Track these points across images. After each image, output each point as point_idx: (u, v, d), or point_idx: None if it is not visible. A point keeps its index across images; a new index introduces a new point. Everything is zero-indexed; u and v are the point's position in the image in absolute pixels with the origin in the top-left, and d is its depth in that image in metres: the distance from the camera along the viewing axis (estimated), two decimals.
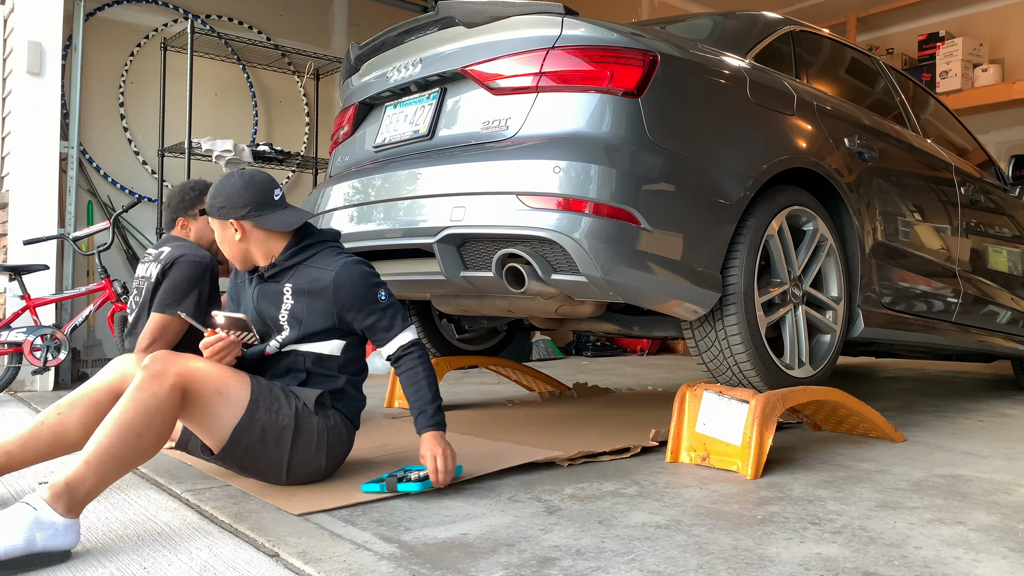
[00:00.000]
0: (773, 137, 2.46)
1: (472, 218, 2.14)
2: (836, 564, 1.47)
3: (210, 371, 1.79)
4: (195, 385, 1.74)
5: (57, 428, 1.81)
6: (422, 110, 2.51)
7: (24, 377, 4.02)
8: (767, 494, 1.97)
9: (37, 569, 1.42)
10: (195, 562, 1.45)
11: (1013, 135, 7.00)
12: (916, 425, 3.08)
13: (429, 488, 1.87)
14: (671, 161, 2.16)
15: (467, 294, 2.53)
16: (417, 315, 3.31)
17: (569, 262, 2.04)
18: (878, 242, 2.81)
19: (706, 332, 2.34)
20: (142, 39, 5.17)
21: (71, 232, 4.32)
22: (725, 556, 1.51)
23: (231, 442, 1.81)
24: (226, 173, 2.28)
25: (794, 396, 2.33)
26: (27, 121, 4.13)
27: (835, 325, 2.61)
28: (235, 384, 1.83)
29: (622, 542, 1.58)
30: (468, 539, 1.58)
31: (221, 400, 1.79)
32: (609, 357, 6.45)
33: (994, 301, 3.58)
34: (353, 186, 2.55)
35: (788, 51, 2.85)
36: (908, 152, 3.15)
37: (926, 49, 7.13)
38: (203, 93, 5.33)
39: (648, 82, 2.17)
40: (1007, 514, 1.83)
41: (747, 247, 2.29)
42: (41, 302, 3.89)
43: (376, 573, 1.39)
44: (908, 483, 2.11)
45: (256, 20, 5.66)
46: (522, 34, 2.27)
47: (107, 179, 5.01)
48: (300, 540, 1.56)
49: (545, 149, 2.10)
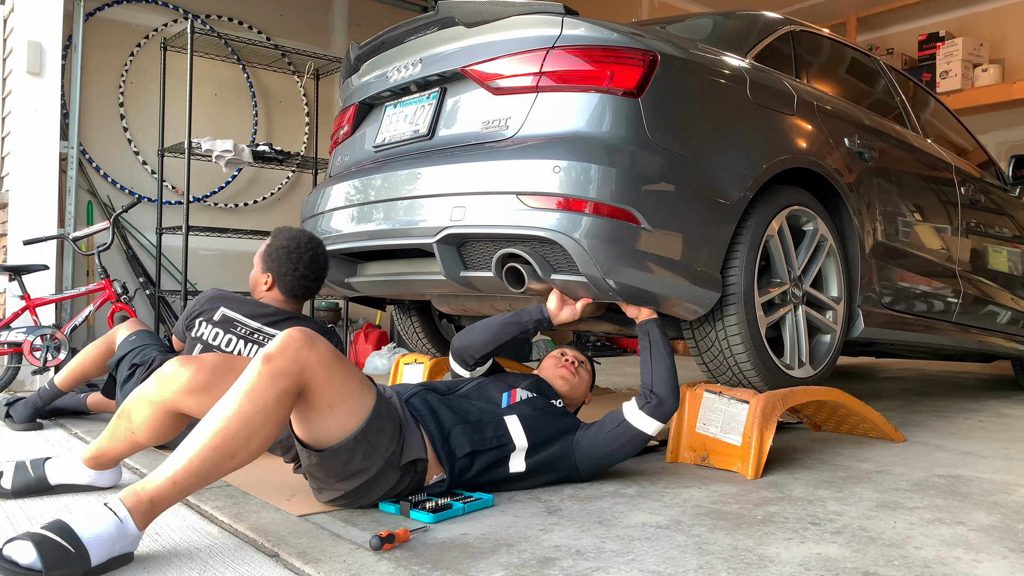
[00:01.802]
0: (773, 137, 2.46)
1: (472, 218, 2.14)
2: (836, 564, 1.47)
3: (337, 376, 1.58)
4: (310, 390, 1.54)
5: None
6: (422, 110, 2.51)
7: (24, 377, 4.02)
8: (767, 494, 1.97)
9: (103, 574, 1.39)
10: (195, 562, 1.45)
11: (1013, 135, 7.00)
12: (916, 425, 3.08)
13: (442, 520, 1.68)
14: (671, 161, 2.15)
15: (467, 294, 2.52)
16: (417, 315, 3.31)
17: (569, 262, 2.04)
18: (878, 242, 2.81)
19: (706, 332, 2.34)
20: (142, 39, 5.17)
21: (71, 232, 4.32)
22: (725, 556, 1.51)
23: (327, 451, 1.63)
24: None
25: (794, 396, 2.33)
26: (27, 121, 4.13)
27: (835, 325, 2.60)
28: (353, 404, 1.62)
29: (622, 542, 1.58)
30: (468, 539, 1.58)
31: (330, 415, 1.59)
32: (609, 357, 6.45)
33: (994, 301, 3.58)
34: (353, 186, 2.55)
35: (788, 51, 2.85)
36: (908, 152, 3.15)
37: (926, 49, 7.13)
38: (203, 93, 5.33)
39: (648, 82, 2.16)
40: (1007, 514, 1.83)
41: (747, 247, 2.28)
42: (41, 302, 3.89)
43: (376, 573, 1.39)
44: (908, 483, 2.11)
45: (256, 20, 5.66)
46: (522, 34, 2.27)
47: (107, 179, 5.01)
48: (300, 540, 1.56)
49: (545, 149, 2.10)
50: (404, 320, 3.33)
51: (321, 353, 1.54)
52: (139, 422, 1.75)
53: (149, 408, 1.74)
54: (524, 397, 1.99)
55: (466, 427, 1.84)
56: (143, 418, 1.75)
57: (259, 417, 1.45)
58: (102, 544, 1.35)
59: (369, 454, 1.63)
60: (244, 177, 5.58)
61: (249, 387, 1.46)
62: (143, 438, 1.76)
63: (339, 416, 1.59)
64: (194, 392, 1.72)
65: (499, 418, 1.90)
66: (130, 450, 1.81)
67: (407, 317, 3.32)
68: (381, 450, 1.65)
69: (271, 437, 1.48)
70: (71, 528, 1.33)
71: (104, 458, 1.84)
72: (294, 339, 1.52)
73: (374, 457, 1.64)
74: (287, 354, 1.50)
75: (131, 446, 1.79)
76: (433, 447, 1.79)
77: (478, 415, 1.89)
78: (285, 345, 1.51)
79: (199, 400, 1.71)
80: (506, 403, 1.95)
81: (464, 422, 1.85)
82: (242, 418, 1.44)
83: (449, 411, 1.86)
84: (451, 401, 1.91)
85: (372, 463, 1.65)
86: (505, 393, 1.98)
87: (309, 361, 1.52)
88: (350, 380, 1.61)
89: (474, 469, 1.84)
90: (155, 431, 1.76)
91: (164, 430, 1.76)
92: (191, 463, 1.42)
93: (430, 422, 1.81)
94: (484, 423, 1.87)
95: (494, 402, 1.96)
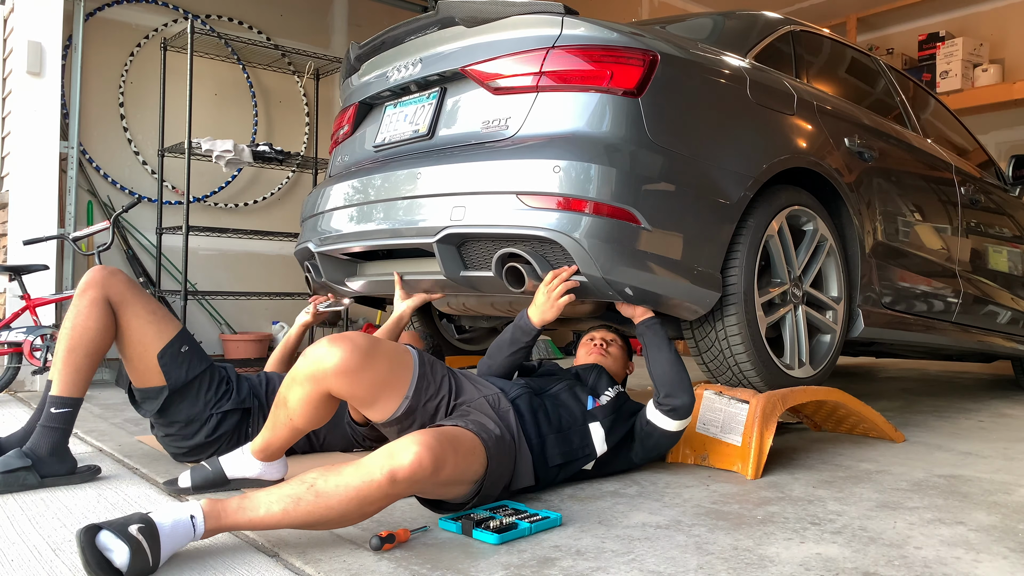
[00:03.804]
0: (773, 137, 2.46)
1: (472, 218, 2.14)
2: (836, 564, 1.47)
3: (460, 462, 1.59)
4: (437, 481, 1.55)
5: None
6: (422, 110, 2.51)
7: (24, 377, 4.02)
8: (767, 494, 1.97)
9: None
10: (195, 562, 1.45)
11: (1013, 135, 7.00)
12: (916, 425, 3.08)
13: (506, 542, 1.58)
14: (671, 161, 2.15)
15: (467, 294, 2.52)
16: (417, 315, 3.30)
17: (569, 262, 2.04)
18: (878, 242, 2.81)
19: (706, 332, 2.34)
20: (142, 39, 5.17)
21: (71, 232, 4.32)
22: (725, 556, 1.50)
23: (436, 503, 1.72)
24: None
25: (794, 396, 2.32)
26: (27, 121, 4.13)
27: (835, 325, 2.60)
28: (472, 470, 1.65)
29: (622, 542, 1.58)
30: (468, 539, 1.58)
31: (456, 487, 1.64)
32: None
33: (994, 301, 3.58)
34: (353, 186, 2.55)
35: (788, 51, 2.85)
36: (908, 152, 3.15)
37: (926, 49, 7.13)
38: (203, 93, 5.33)
39: (648, 82, 2.16)
40: (1007, 514, 1.83)
41: (747, 247, 2.28)
42: (41, 302, 3.89)
43: (376, 573, 1.39)
44: (908, 483, 2.11)
45: (256, 20, 5.65)
46: (522, 34, 2.27)
47: (107, 179, 5.01)
48: (300, 540, 1.56)
49: (545, 149, 2.10)
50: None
51: (443, 475, 1.53)
52: (294, 406, 1.72)
53: (300, 389, 1.70)
54: (604, 402, 2.06)
55: (559, 437, 1.93)
56: (297, 401, 1.71)
57: (356, 516, 1.49)
58: (168, 553, 1.41)
59: (485, 494, 1.70)
60: (244, 177, 5.57)
61: (364, 491, 1.45)
62: (300, 422, 1.74)
63: (463, 481, 1.64)
64: (344, 374, 1.66)
65: (584, 426, 1.99)
66: (291, 436, 1.80)
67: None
68: (496, 486, 1.73)
69: (378, 510, 1.52)
70: (160, 538, 1.39)
71: (270, 448, 1.85)
72: (422, 467, 1.47)
73: (490, 491, 1.71)
74: (410, 482, 1.48)
75: (291, 432, 1.79)
76: (532, 459, 1.87)
77: (568, 422, 1.97)
78: (412, 474, 1.47)
79: (349, 382, 1.67)
80: (591, 406, 2.03)
81: (557, 431, 1.93)
82: (342, 512, 1.46)
83: (545, 417, 1.93)
84: (546, 402, 1.98)
85: (487, 491, 1.71)
86: (590, 397, 2.05)
87: (428, 482, 1.52)
88: (467, 466, 1.62)
89: (560, 478, 1.97)
90: (310, 415, 1.72)
91: (319, 413, 1.73)
92: (279, 520, 1.45)
93: (531, 431, 1.89)
94: (572, 431, 1.96)
95: (581, 403, 2.03)
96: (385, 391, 1.73)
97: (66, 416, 1.98)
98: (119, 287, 2.05)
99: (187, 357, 2.11)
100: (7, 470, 1.91)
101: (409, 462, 1.46)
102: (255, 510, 1.45)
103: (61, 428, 1.97)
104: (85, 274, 2.06)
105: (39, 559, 1.47)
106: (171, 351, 2.08)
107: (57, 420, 1.97)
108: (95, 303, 2.01)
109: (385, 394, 1.73)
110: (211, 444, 2.15)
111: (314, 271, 2.76)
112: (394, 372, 1.74)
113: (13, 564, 1.44)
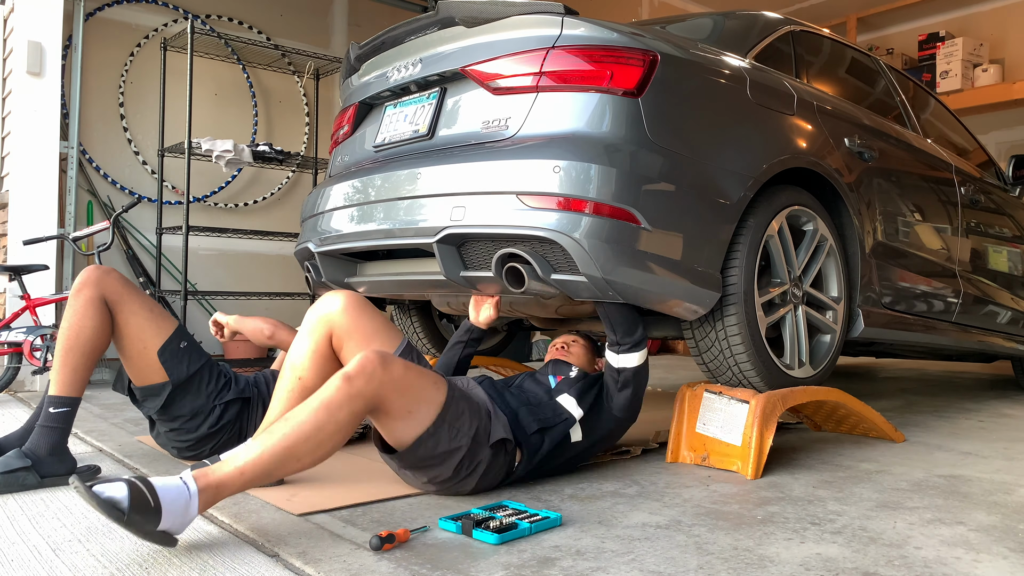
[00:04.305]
0: (773, 137, 2.46)
1: (472, 218, 2.14)
2: (836, 564, 1.47)
3: (411, 386, 1.72)
4: (386, 405, 1.69)
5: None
6: (422, 110, 2.51)
7: (24, 377, 4.02)
8: (767, 494, 1.97)
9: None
10: (195, 562, 1.45)
11: (1013, 135, 7.00)
12: (916, 425, 3.08)
13: (506, 542, 1.57)
14: (671, 161, 2.15)
15: (467, 294, 2.52)
16: (417, 315, 3.31)
17: (569, 262, 2.04)
18: (878, 242, 2.81)
19: (706, 332, 2.34)
20: (142, 39, 5.17)
21: (71, 232, 4.32)
22: (725, 556, 1.51)
23: (413, 445, 1.78)
24: None
25: (794, 396, 2.33)
26: (27, 121, 4.14)
27: (835, 325, 2.60)
28: (429, 401, 1.77)
29: (622, 542, 1.58)
30: (467, 539, 1.58)
31: (411, 417, 1.74)
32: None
33: (994, 301, 3.58)
34: (353, 186, 2.55)
35: (788, 51, 2.85)
36: (908, 152, 3.15)
37: (926, 49, 7.13)
38: (203, 93, 5.33)
39: (648, 82, 2.16)
40: (1007, 514, 1.83)
41: (747, 247, 2.28)
42: (41, 302, 3.89)
43: (376, 573, 1.39)
44: (908, 483, 2.11)
45: (256, 20, 5.65)
46: (522, 34, 2.27)
47: (107, 179, 5.01)
48: (300, 540, 1.56)
49: (545, 149, 2.10)
50: (404, 320, 3.33)
51: (395, 372, 1.68)
52: (303, 361, 1.95)
53: (309, 339, 1.96)
54: (566, 376, 2.16)
55: (530, 407, 2.01)
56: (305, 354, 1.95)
57: (330, 427, 1.57)
58: (171, 512, 1.44)
59: (453, 434, 1.78)
60: (244, 177, 5.58)
61: (327, 400, 1.58)
62: (309, 377, 1.92)
63: (419, 415, 1.74)
64: (347, 311, 1.97)
65: (552, 400, 2.07)
66: (300, 400, 1.84)
67: (407, 317, 3.32)
68: (465, 428, 1.80)
69: (335, 448, 1.61)
70: (155, 487, 1.43)
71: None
72: (371, 361, 1.64)
73: (459, 436, 1.79)
74: (364, 376, 1.62)
75: (301, 394, 1.91)
76: (508, 423, 1.93)
77: (537, 399, 2.06)
78: (363, 367, 1.63)
79: (352, 318, 1.97)
80: (554, 384, 2.12)
81: (526, 403, 2.02)
82: (316, 425, 1.55)
83: (511, 395, 2.04)
84: (512, 389, 2.09)
85: (460, 442, 1.79)
86: (551, 376, 2.15)
87: (384, 381, 1.65)
88: (423, 384, 1.76)
89: (545, 446, 1.98)
90: (318, 366, 1.95)
91: (327, 366, 1.94)
92: (261, 457, 1.52)
93: (500, 404, 1.98)
94: (543, 407, 2.04)
95: (543, 385, 2.12)
96: (376, 339, 1.98)
97: (65, 416, 1.98)
98: (114, 285, 2.06)
99: (187, 352, 2.15)
100: (7, 470, 1.91)
101: (358, 361, 1.64)
102: (236, 459, 1.52)
103: (60, 428, 1.98)
104: (80, 274, 2.06)
105: (39, 559, 1.47)
106: (171, 347, 2.10)
107: (56, 420, 1.97)
108: (91, 302, 2.02)
109: (377, 342, 1.97)
110: (214, 436, 2.18)
111: (314, 271, 2.76)
112: (387, 328, 2.03)
113: (13, 564, 1.44)
